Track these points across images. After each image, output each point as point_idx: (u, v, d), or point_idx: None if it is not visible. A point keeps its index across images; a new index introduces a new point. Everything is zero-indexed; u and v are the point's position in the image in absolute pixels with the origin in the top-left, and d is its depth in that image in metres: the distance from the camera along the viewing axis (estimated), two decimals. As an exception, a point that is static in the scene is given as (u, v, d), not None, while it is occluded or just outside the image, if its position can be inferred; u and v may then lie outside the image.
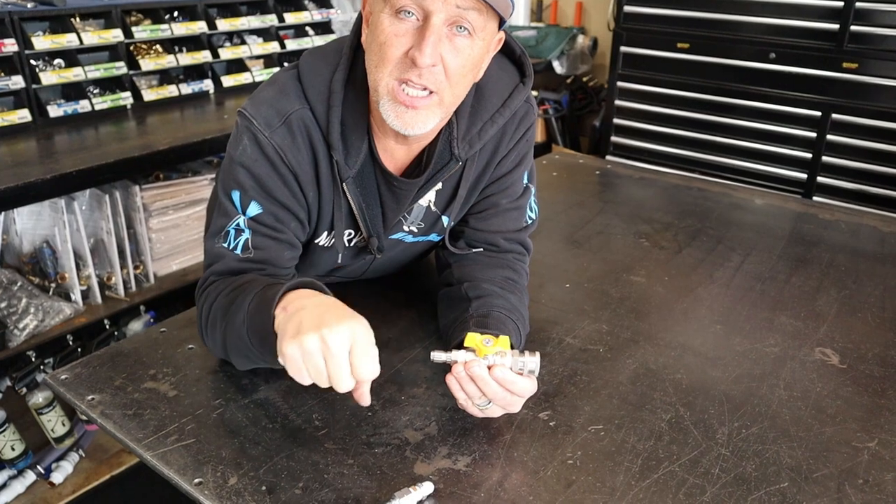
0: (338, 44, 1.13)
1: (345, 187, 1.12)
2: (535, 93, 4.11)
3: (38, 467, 2.15)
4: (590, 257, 1.60)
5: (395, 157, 1.15)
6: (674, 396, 1.12)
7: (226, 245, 1.09)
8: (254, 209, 1.09)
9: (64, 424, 2.22)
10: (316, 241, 1.20)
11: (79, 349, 2.21)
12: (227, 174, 1.10)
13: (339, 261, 1.23)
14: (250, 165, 1.07)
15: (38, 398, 2.15)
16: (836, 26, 2.92)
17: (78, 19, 2.52)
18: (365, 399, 0.93)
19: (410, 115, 1.01)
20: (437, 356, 0.98)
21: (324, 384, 0.87)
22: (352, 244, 1.22)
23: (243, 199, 1.08)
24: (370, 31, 1.02)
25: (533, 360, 0.98)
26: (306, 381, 0.88)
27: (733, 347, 1.26)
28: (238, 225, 1.09)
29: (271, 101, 1.08)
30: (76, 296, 2.27)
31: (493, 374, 0.95)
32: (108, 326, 2.28)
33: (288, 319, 0.89)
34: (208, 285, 1.09)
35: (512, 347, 1.07)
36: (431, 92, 0.99)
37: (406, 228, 1.24)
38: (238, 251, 1.09)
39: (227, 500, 0.89)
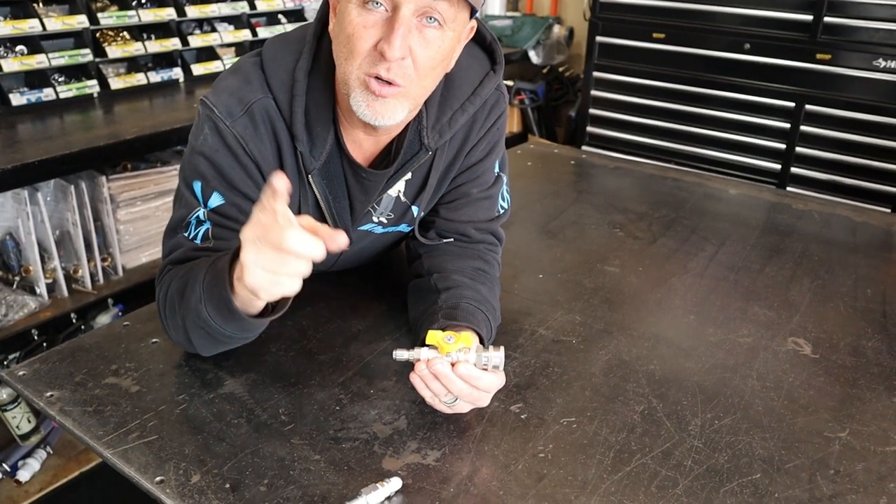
0: (302, 31, 1.10)
1: (310, 179, 1.09)
2: (510, 83, 4.09)
3: (4, 465, 2.11)
4: (564, 247, 1.59)
5: (363, 147, 1.12)
6: (647, 388, 1.11)
7: (186, 234, 1.06)
8: (216, 200, 1.06)
9: (30, 421, 2.17)
10: (281, 234, 1.16)
11: (44, 343, 2.16)
12: (189, 164, 1.07)
13: None
14: (211, 155, 1.04)
15: (3, 394, 2.10)
16: (810, 17, 2.92)
17: (41, 4, 2.45)
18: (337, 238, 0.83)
19: (380, 105, 0.98)
20: (400, 354, 0.96)
21: (300, 270, 0.80)
22: (318, 237, 1.19)
23: (205, 189, 1.05)
24: (338, 21, 0.99)
25: (497, 355, 0.96)
26: (294, 284, 0.81)
27: (706, 338, 1.26)
28: (199, 216, 1.06)
29: (233, 90, 1.05)
30: (41, 289, 2.21)
31: (457, 371, 0.93)
32: (74, 320, 2.23)
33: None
34: (165, 274, 1.06)
35: (482, 341, 1.05)
36: (400, 85, 0.97)
37: (375, 219, 1.21)
38: (198, 241, 1.06)
39: (190, 499, 0.87)
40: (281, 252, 0.79)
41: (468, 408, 1.00)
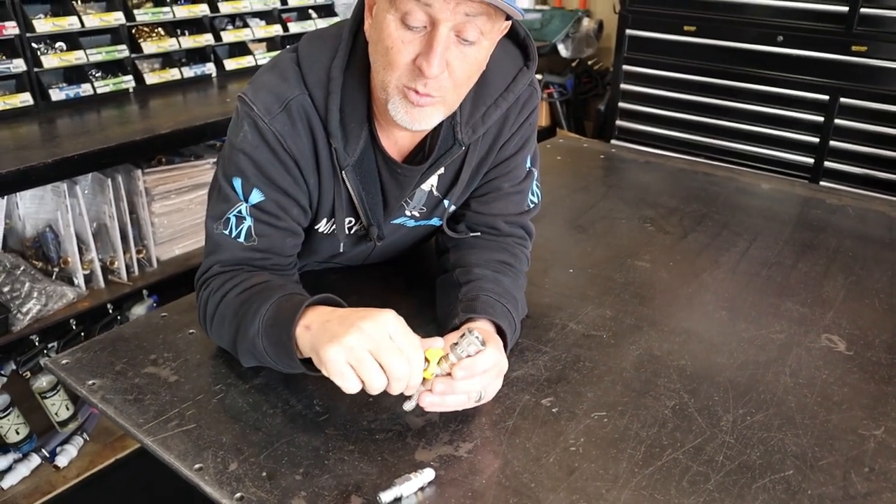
0: (337, 28, 1.11)
1: (344, 175, 1.11)
2: (539, 76, 4.08)
3: (44, 451, 2.17)
4: (594, 242, 1.59)
5: (398, 143, 1.14)
6: (678, 383, 1.11)
7: (227, 233, 1.08)
8: (256, 196, 1.08)
9: (68, 408, 2.22)
10: (316, 228, 1.18)
11: (82, 333, 2.21)
12: (228, 160, 1.09)
13: (341, 248, 1.22)
14: (251, 152, 1.06)
15: (42, 382, 2.16)
16: (846, 9, 2.88)
17: (79, 2, 2.50)
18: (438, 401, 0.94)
19: (418, 112, 1.00)
20: (409, 405, 0.97)
21: (376, 385, 0.88)
22: (352, 232, 1.21)
23: (245, 186, 1.07)
24: (374, 27, 1.00)
25: (469, 341, 0.94)
26: (354, 387, 0.88)
27: (739, 334, 1.25)
28: (240, 212, 1.08)
29: (271, 87, 1.07)
30: (79, 280, 2.27)
31: (455, 378, 0.94)
32: (110, 311, 2.28)
33: (316, 334, 0.91)
34: (212, 276, 1.09)
35: (502, 333, 1.07)
36: (436, 97, 0.99)
37: (408, 213, 1.22)
38: (241, 239, 1.08)
39: (227, 486, 0.89)
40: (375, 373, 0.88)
41: (498, 385, 1.01)
